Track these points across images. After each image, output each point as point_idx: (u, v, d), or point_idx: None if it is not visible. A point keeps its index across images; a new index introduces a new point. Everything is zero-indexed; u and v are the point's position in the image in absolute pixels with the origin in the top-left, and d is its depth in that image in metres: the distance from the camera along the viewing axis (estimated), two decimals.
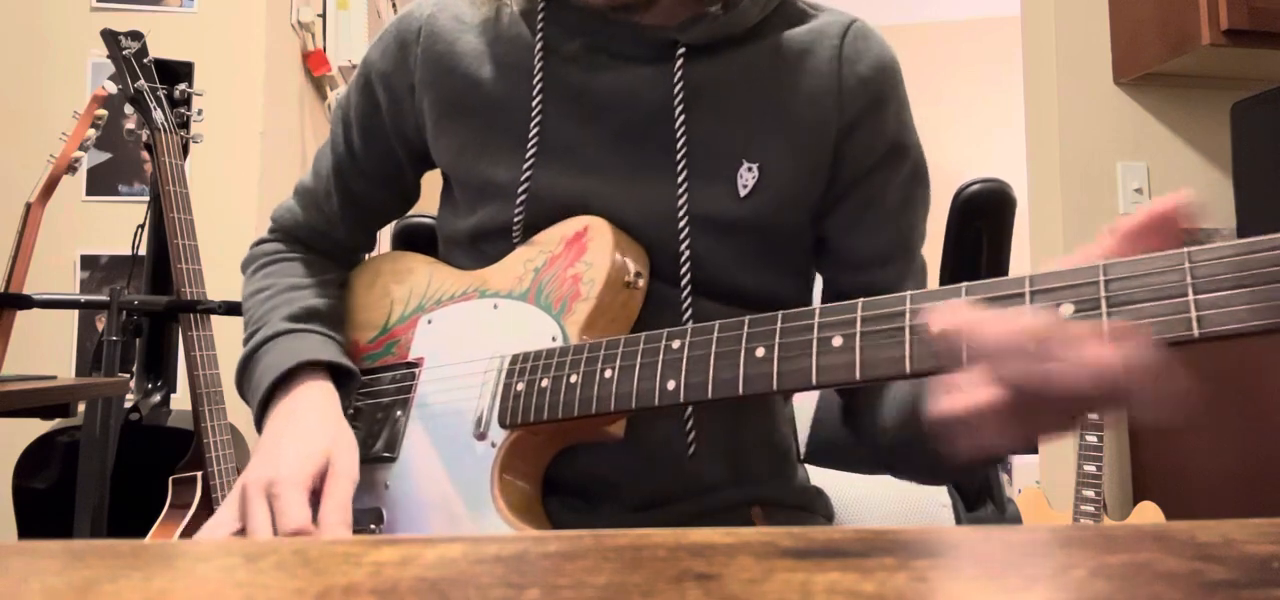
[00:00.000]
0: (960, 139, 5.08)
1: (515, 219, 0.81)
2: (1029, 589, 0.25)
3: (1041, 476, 2.41)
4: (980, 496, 1.15)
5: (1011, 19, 2.63)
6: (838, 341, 0.59)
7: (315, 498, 0.73)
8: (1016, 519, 1.24)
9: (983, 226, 1.19)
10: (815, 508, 0.89)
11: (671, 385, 0.66)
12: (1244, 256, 0.47)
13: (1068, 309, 0.51)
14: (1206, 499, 1.98)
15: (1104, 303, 0.50)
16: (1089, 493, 2.03)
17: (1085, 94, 2.32)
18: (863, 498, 1.06)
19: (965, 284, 0.55)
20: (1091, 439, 2.06)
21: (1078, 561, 0.27)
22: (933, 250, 1.00)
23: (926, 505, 1.08)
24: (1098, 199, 2.29)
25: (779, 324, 0.62)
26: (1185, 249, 0.48)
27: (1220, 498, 1.94)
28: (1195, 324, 0.47)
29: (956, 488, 1.12)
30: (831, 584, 0.25)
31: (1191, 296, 0.48)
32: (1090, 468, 2.04)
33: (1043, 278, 0.52)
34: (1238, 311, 0.46)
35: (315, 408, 0.80)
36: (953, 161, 4.02)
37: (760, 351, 0.62)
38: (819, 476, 1.01)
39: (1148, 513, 2.04)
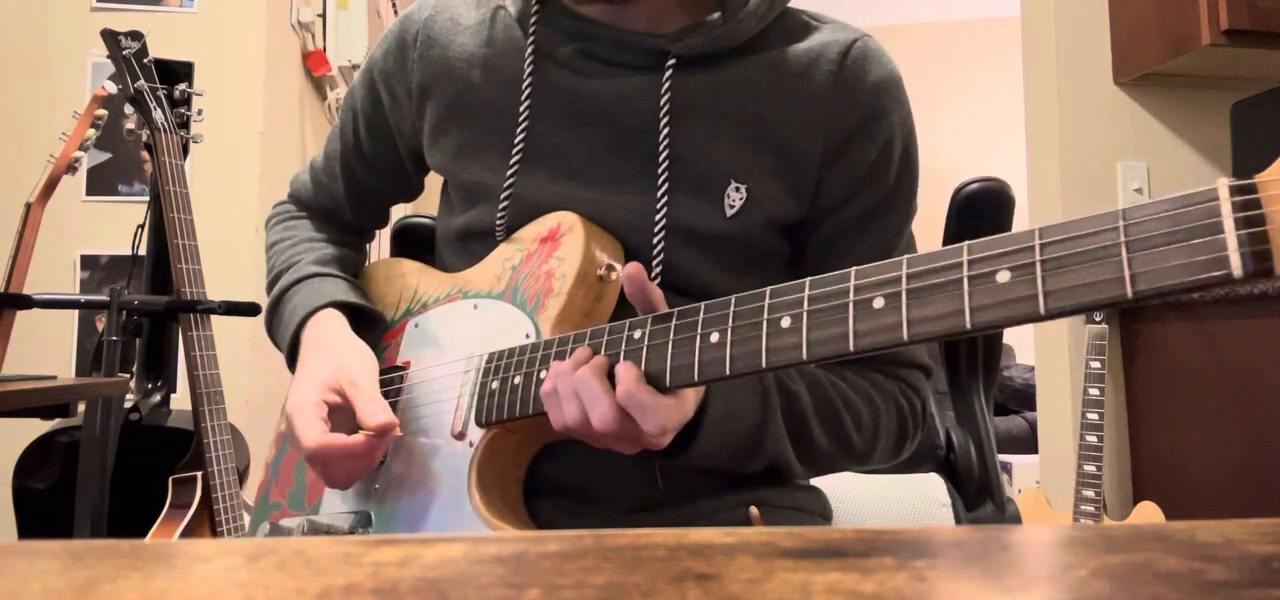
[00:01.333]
0: (960, 139, 5.08)
1: (498, 222, 0.82)
2: (1029, 589, 0.25)
3: (1041, 476, 2.41)
4: (980, 496, 1.15)
5: (1011, 19, 2.63)
6: (786, 322, 0.58)
7: (339, 412, 0.78)
8: (1016, 519, 1.24)
9: (982, 226, 1.19)
10: (814, 508, 0.89)
11: None
12: (1177, 211, 0.45)
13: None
14: (1206, 499, 1.98)
15: (1038, 267, 0.49)
16: (1089, 493, 2.03)
17: (1085, 94, 2.32)
18: (863, 498, 1.06)
19: (907, 257, 0.54)
20: (1091, 439, 2.06)
21: (1078, 561, 0.27)
22: (932, 249, 1.00)
23: (926, 505, 1.08)
24: (1098, 199, 2.29)
25: (732, 308, 0.62)
26: (1120, 208, 0.47)
27: (1220, 498, 1.94)
28: (1129, 283, 0.46)
29: (956, 487, 1.12)
30: (831, 584, 0.25)
31: (1125, 256, 0.46)
32: (1090, 468, 2.04)
33: (980, 245, 0.51)
34: (1172, 267, 0.45)
35: (329, 335, 0.83)
36: (953, 161, 4.02)
37: (714, 336, 0.62)
38: (818, 477, 1.01)
39: (1148, 513, 2.04)
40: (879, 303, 0.54)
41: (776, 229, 0.81)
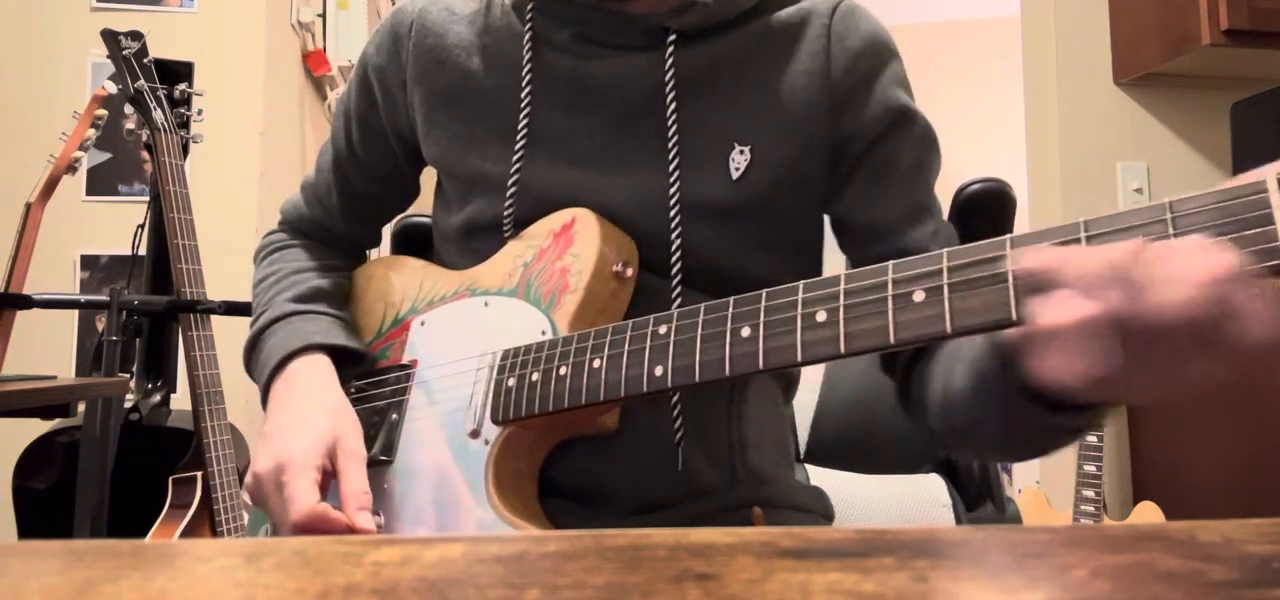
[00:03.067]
0: (960, 139, 5.07)
1: (505, 212, 0.81)
2: (1029, 589, 0.25)
3: (1041, 476, 2.41)
4: (980, 496, 1.15)
5: (1011, 19, 2.63)
6: (822, 316, 0.58)
7: (324, 480, 0.73)
8: (1016, 519, 1.24)
9: (983, 226, 1.19)
10: (815, 508, 0.89)
11: (659, 371, 0.66)
12: (1225, 203, 0.45)
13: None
14: (1206, 499, 1.98)
15: None
16: (1089, 493, 2.03)
17: (1085, 94, 2.32)
18: (863, 498, 1.06)
19: (946, 250, 0.54)
20: (1092, 439, 2.06)
21: (1078, 561, 0.27)
22: None
23: (926, 505, 1.08)
24: (1098, 199, 2.29)
25: (763, 302, 0.61)
26: (1167, 200, 0.46)
27: (1220, 498, 1.94)
28: None
29: (956, 487, 1.12)
30: (831, 584, 0.25)
31: None
32: (1090, 468, 2.04)
33: (1022, 237, 0.51)
34: None
35: (316, 389, 0.80)
36: (953, 161, 4.01)
37: (746, 331, 0.61)
38: (819, 476, 1.01)
39: (1148, 513, 2.04)
40: (919, 295, 0.54)
41: (787, 192, 0.80)
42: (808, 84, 0.79)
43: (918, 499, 1.09)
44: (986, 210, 1.21)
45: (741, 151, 0.78)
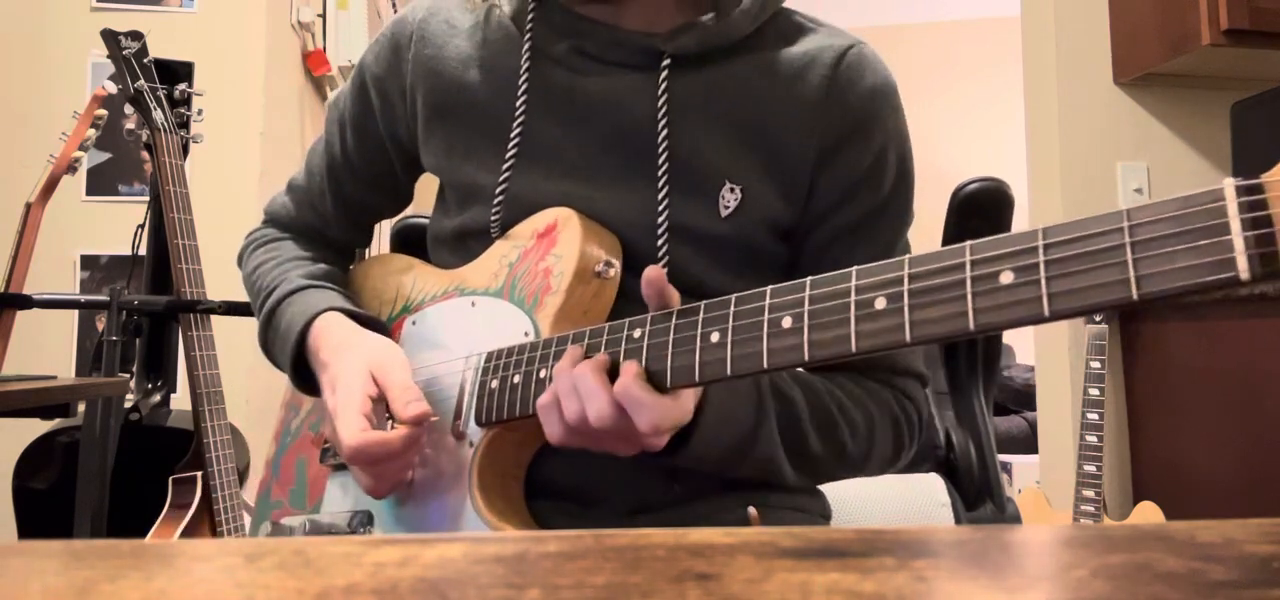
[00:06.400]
0: (960, 139, 5.09)
1: (493, 218, 0.81)
2: (1029, 589, 0.26)
3: (1041, 476, 2.41)
4: (980, 496, 1.15)
5: (1011, 19, 2.63)
6: (787, 322, 0.58)
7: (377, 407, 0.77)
8: (1016, 519, 1.24)
9: (981, 226, 1.19)
10: (814, 508, 0.89)
11: None
12: (1182, 212, 0.44)
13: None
14: (1206, 499, 1.98)
15: (1042, 268, 0.48)
16: (1089, 493, 2.03)
17: (1085, 94, 2.32)
18: (862, 498, 1.06)
19: (908, 257, 0.54)
20: (1091, 439, 2.06)
21: (1078, 561, 0.27)
22: (931, 249, 1.00)
23: (926, 505, 1.08)
24: (1098, 199, 2.29)
25: (732, 308, 0.61)
26: (1124, 208, 0.46)
27: (1220, 498, 1.94)
28: (1134, 286, 0.45)
29: (956, 487, 1.12)
30: (831, 584, 0.25)
31: (1130, 257, 0.45)
32: (1090, 468, 2.04)
33: (982, 245, 0.51)
34: (1178, 270, 0.44)
35: (348, 333, 0.81)
36: (953, 161, 4.02)
37: (715, 336, 0.61)
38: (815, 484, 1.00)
39: (1148, 513, 2.04)
40: (881, 303, 0.54)
41: (771, 231, 0.81)
42: (802, 134, 0.79)
43: (918, 499, 1.09)
44: (985, 210, 1.21)
45: (732, 190, 0.78)
